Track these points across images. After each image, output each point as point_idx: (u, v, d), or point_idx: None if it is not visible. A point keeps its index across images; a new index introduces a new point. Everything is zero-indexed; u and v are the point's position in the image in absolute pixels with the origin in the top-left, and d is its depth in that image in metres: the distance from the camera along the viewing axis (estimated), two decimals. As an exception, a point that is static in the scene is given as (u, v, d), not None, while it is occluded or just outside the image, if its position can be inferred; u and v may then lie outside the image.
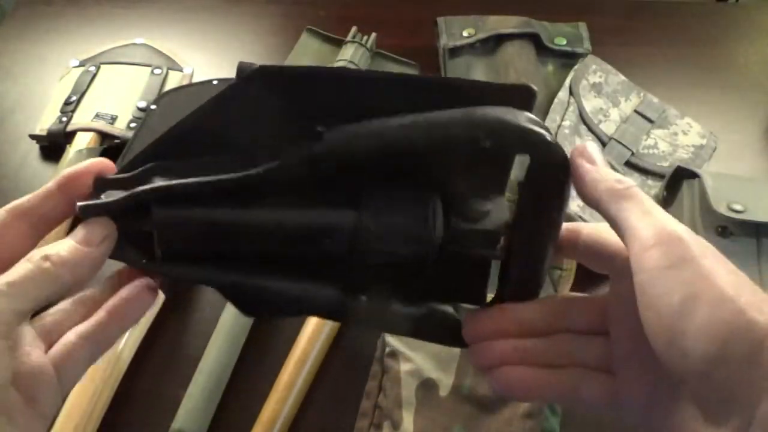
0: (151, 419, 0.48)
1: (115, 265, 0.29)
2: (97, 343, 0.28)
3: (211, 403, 0.48)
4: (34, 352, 0.26)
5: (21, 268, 0.25)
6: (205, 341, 0.50)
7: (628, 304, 0.26)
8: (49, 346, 0.27)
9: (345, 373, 0.51)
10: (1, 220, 0.26)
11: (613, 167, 0.61)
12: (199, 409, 0.47)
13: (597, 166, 0.27)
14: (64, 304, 0.28)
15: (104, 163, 0.29)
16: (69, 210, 0.28)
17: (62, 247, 0.26)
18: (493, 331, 0.30)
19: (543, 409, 0.45)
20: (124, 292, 0.28)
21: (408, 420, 0.45)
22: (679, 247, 0.23)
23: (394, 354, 0.48)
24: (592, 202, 0.27)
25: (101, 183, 0.28)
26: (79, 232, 0.26)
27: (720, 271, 0.23)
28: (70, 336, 0.27)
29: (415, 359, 0.47)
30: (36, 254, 0.25)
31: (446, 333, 0.31)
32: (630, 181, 0.26)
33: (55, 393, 0.26)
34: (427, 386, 0.46)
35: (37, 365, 0.26)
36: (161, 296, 0.51)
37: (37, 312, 0.26)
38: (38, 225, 0.27)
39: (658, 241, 0.23)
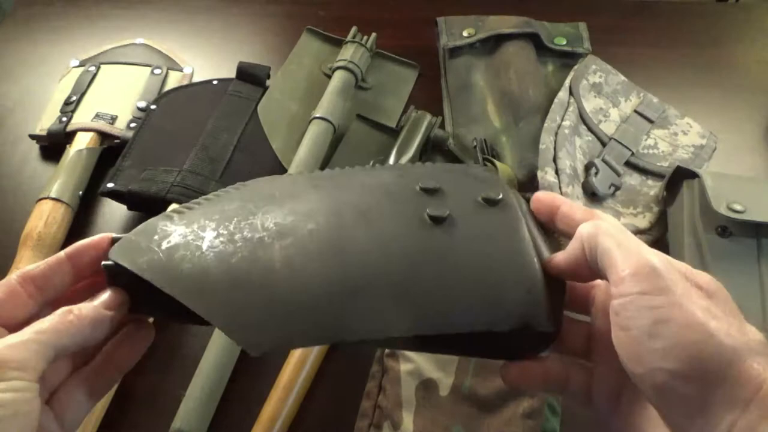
0: (151, 419, 0.48)
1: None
2: (96, 388, 0.31)
3: (211, 403, 0.48)
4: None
5: (48, 319, 0.27)
6: (205, 341, 0.50)
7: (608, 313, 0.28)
8: (48, 390, 0.29)
9: (345, 373, 0.51)
10: (12, 285, 0.29)
11: (612, 167, 0.61)
12: (199, 409, 0.47)
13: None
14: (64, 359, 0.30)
15: (114, 238, 0.31)
16: (76, 278, 0.31)
17: (85, 305, 0.28)
18: None
19: (543, 409, 0.45)
20: (118, 337, 0.32)
21: (408, 420, 0.45)
22: (653, 276, 0.25)
23: (394, 354, 0.48)
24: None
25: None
26: (101, 296, 0.29)
27: (691, 297, 0.24)
28: (71, 382, 0.30)
29: (415, 359, 0.47)
30: (62, 309, 0.28)
31: None
32: (591, 222, 0.29)
33: None
34: (427, 386, 0.46)
35: (47, 418, 0.28)
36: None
37: None
38: (46, 290, 0.30)
39: (633, 271, 0.25)
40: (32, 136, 0.66)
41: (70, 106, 0.65)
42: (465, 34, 0.72)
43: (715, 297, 0.25)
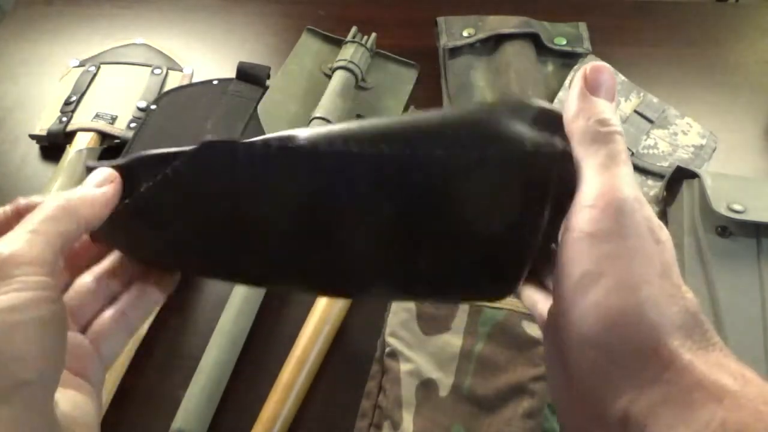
0: (151, 419, 0.49)
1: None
2: (132, 318, 0.29)
3: (211, 403, 0.48)
4: (70, 327, 0.27)
5: (39, 210, 0.24)
6: (205, 341, 0.50)
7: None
8: (79, 325, 0.28)
9: (345, 373, 0.51)
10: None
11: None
12: (199, 409, 0.47)
13: (592, 99, 0.25)
14: (87, 283, 0.29)
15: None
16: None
17: (74, 190, 0.26)
18: None
19: (543, 409, 0.45)
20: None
21: (408, 420, 0.45)
22: (612, 216, 0.22)
23: (394, 354, 0.48)
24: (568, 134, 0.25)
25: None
26: (88, 180, 0.27)
27: (640, 253, 0.22)
28: (106, 315, 0.28)
29: (414, 359, 0.47)
30: (51, 196, 0.25)
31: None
32: (615, 126, 0.24)
33: (99, 367, 0.27)
34: (427, 386, 0.46)
35: (79, 340, 0.27)
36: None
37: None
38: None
39: (595, 203, 0.22)
40: (32, 136, 0.66)
41: (70, 106, 0.65)
42: (465, 34, 0.72)
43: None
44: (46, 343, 0.21)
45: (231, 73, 0.68)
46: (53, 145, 0.65)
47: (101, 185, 0.26)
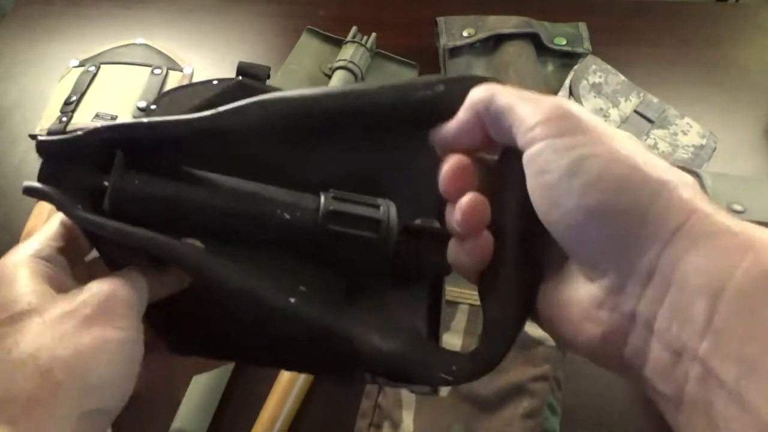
0: (151, 419, 0.48)
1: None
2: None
3: (211, 403, 0.48)
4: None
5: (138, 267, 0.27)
6: (205, 341, 0.50)
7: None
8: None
9: (345, 373, 0.51)
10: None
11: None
12: (199, 409, 0.47)
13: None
14: None
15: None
16: None
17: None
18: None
19: (543, 409, 0.45)
20: None
21: (408, 420, 0.45)
22: (568, 118, 0.22)
23: (394, 354, 0.48)
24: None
25: (48, 146, 0.26)
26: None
27: (614, 136, 0.22)
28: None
29: (415, 359, 0.47)
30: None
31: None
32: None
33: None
34: (427, 386, 0.46)
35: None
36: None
37: None
38: None
39: (545, 118, 0.22)
40: (32, 136, 0.66)
41: (70, 106, 0.65)
42: (465, 34, 0.72)
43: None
44: (123, 377, 0.25)
45: (231, 73, 0.68)
46: (53, 145, 0.65)
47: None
